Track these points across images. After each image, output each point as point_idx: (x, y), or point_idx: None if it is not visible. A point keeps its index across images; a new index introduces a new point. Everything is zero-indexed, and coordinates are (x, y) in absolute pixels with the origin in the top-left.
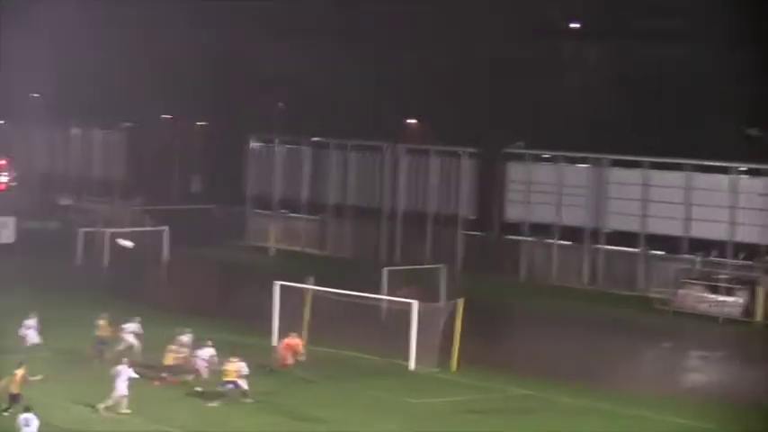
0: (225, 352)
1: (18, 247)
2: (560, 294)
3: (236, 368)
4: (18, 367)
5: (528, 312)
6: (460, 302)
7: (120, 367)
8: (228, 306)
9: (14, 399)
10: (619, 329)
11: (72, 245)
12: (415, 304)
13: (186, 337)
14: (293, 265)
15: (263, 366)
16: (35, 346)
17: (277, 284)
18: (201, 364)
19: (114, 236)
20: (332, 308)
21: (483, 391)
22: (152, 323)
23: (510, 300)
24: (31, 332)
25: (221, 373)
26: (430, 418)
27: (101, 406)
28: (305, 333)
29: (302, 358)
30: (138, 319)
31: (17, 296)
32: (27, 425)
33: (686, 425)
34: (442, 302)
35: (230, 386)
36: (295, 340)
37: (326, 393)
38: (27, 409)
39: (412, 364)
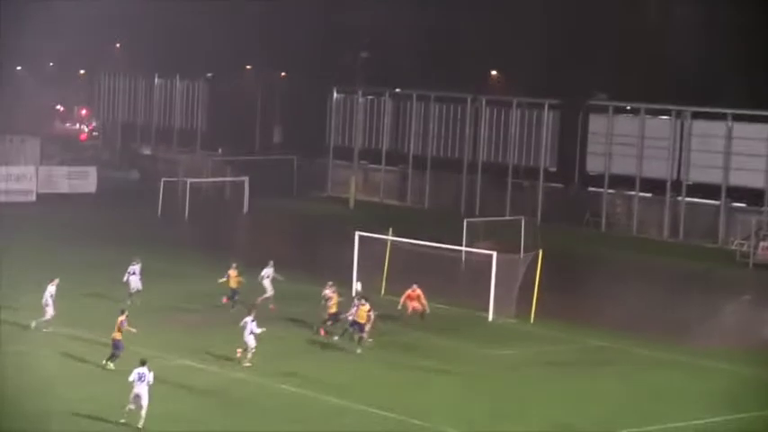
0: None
1: (99, 196)
2: (640, 247)
3: (367, 313)
4: (120, 314)
5: (607, 265)
6: (539, 254)
7: (246, 319)
8: (308, 256)
9: (116, 345)
10: (699, 282)
11: (153, 195)
12: (494, 256)
13: (330, 290)
14: (373, 216)
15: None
16: (137, 292)
17: (357, 235)
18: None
19: (194, 186)
20: (411, 259)
21: (561, 343)
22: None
23: (589, 252)
24: (134, 278)
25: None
26: (508, 368)
27: (241, 360)
28: (384, 284)
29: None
30: (271, 263)
31: (101, 246)
32: (141, 379)
33: (765, 378)
34: (522, 254)
35: (354, 327)
36: (417, 291)
37: (404, 344)
38: (142, 363)
39: (490, 315)
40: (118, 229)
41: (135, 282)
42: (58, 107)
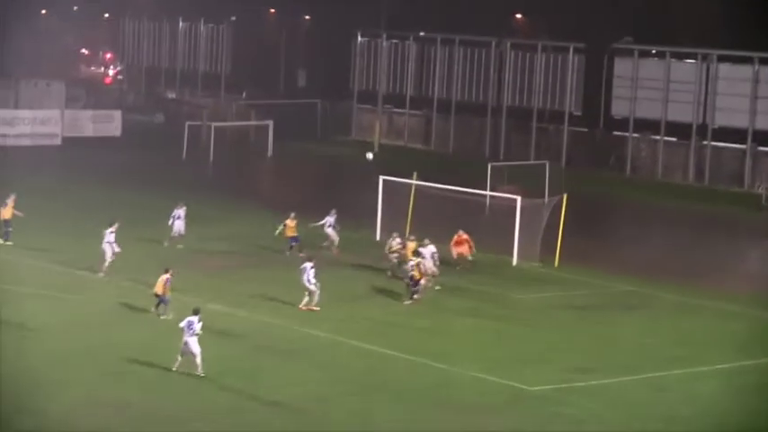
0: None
1: (124, 140)
2: (665, 191)
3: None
4: (165, 273)
5: (632, 209)
6: (564, 198)
7: (305, 264)
8: (333, 201)
9: (161, 299)
10: (724, 227)
11: (177, 139)
12: (518, 200)
13: (397, 239)
14: (397, 161)
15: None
16: (180, 236)
17: (381, 179)
18: (429, 264)
19: (219, 129)
20: (435, 203)
21: (585, 287)
22: (259, 217)
23: (614, 196)
24: (179, 222)
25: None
26: (533, 312)
27: (302, 306)
28: (408, 228)
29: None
30: (333, 211)
31: (129, 189)
32: (189, 328)
33: None
34: (546, 198)
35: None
36: (463, 236)
37: (430, 288)
38: (195, 312)
39: (515, 260)
40: (143, 172)
41: (179, 225)
42: (83, 51)
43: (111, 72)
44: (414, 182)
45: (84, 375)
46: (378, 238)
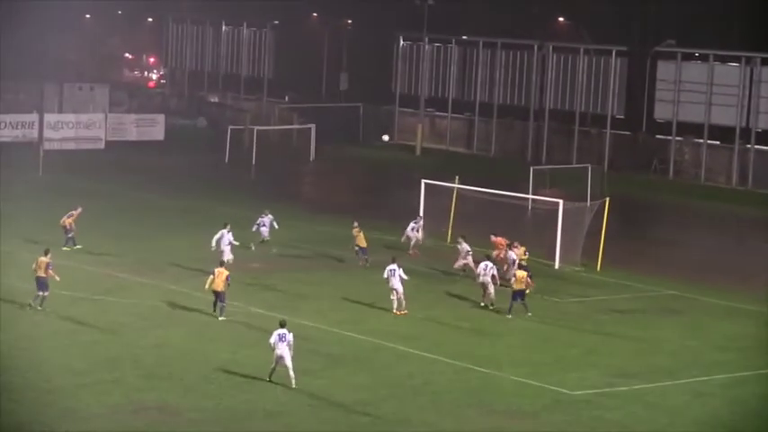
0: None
1: (167, 144)
2: (708, 195)
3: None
4: (219, 266)
5: (675, 212)
6: (606, 202)
7: (392, 266)
8: (375, 204)
9: (218, 296)
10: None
11: (220, 143)
12: (561, 203)
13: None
14: (439, 164)
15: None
16: (264, 241)
17: (423, 183)
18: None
19: (261, 133)
20: (477, 206)
21: (628, 291)
22: (302, 221)
23: (657, 200)
24: (264, 229)
25: None
26: (575, 316)
27: (396, 311)
28: (450, 231)
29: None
30: (419, 217)
31: (172, 193)
32: (281, 340)
33: None
34: (588, 202)
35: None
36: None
37: (473, 291)
38: (282, 324)
39: (557, 263)
40: (186, 175)
41: (264, 232)
42: (127, 55)
43: (154, 76)
44: (456, 185)
45: (127, 377)
46: (421, 241)
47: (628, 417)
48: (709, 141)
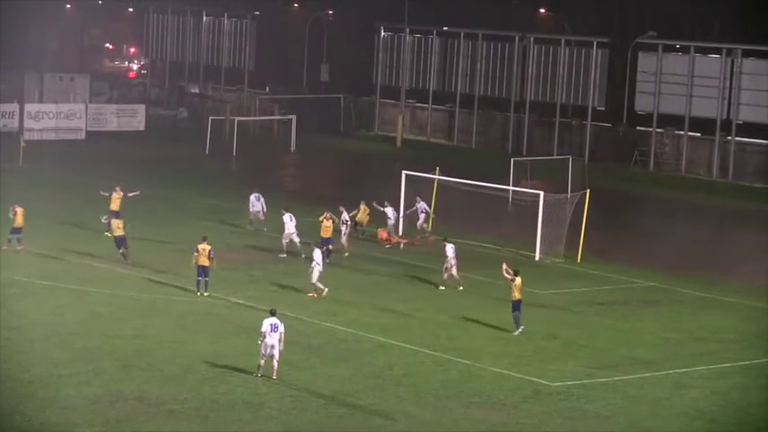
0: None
1: (148, 134)
2: (689, 187)
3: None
4: (201, 242)
5: (655, 204)
6: (587, 194)
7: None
8: (355, 194)
9: (204, 271)
10: (748, 222)
11: (201, 133)
12: (541, 195)
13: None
14: (420, 155)
15: None
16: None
17: (403, 174)
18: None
19: (242, 124)
20: (458, 198)
21: (607, 283)
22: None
23: (637, 192)
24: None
25: None
26: (555, 308)
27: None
28: (431, 222)
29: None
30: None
31: (152, 184)
32: (273, 330)
33: None
34: (569, 193)
35: None
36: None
37: (449, 284)
38: (273, 313)
39: (537, 255)
40: (167, 166)
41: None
42: (107, 45)
43: (135, 66)
44: (436, 177)
45: (107, 368)
46: (400, 231)
47: (608, 408)
48: (689, 133)
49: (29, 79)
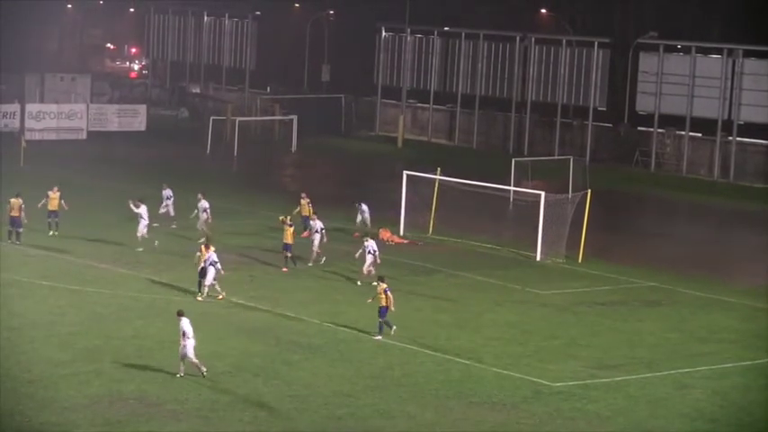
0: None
1: (149, 134)
2: (690, 187)
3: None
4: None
5: (656, 205)
6: (588, 194)
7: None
8: (356, 195)
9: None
10: (749, 223)
11: (202, 134)
12: (542, 195)
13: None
14: (421, 156)
15: None
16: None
17: (404, 174)
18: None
19: (243, 124)
20: (459, 198)
21: (609, 283)
22: (283, 212)
23: (638, 192)
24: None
25: None
26: (556, 308)
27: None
28: (432, 223)
29: None
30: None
31: (152, 184)
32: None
33: None
34: (570, 194)
35: None
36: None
37: (454, 283)
38: (180, 314)
39: (538, 255)
40: (168, 166)
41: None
42: (108, 45)
43: (136, 66)
44: (437, 177)
45: (107, 368)
46: (401, 232)
47: (608, 408)
48: (690, 134)
49: (30, 79)
